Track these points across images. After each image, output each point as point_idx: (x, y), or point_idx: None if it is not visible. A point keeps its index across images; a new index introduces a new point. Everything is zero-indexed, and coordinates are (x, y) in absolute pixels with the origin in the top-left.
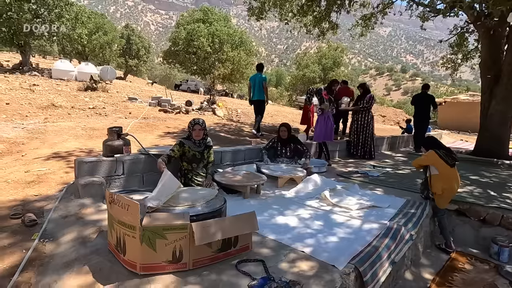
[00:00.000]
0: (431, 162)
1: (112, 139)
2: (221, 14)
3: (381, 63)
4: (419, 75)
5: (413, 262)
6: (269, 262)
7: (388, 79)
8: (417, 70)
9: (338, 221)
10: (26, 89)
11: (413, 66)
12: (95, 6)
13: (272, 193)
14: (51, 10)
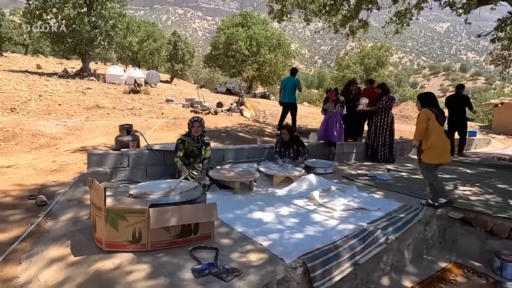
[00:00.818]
0: (427, 116)
1: (122, 135)
2: (260, 18)
3: (437, 61)
4: (481, 74)
5: (395, 268)
6: (223, 251)
7: (444, 79)
8: (480, 69)
9: (315, 220)
10: (79, 92)
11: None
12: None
13: (265, 190)
14: (107, 21)
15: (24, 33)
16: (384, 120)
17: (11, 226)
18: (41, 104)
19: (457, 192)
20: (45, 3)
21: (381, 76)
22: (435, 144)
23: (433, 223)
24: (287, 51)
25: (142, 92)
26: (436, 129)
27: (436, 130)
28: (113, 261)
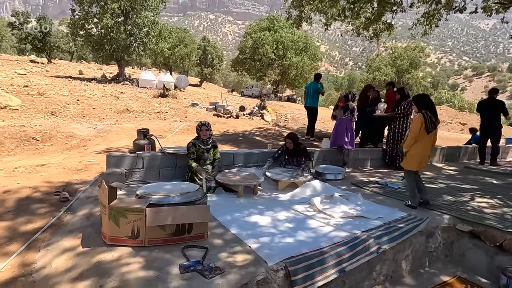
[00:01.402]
0: (420, 125)
1: (139, 139)
2: (287, 21)
3: (481, 61)
4: None
5: (390, 279)
6: (213, 251)
7: (489, 80)
8: None
9: (310, 226)
10: (113, 96)
11: None
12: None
13: (269, 195)
14: (141, 29)
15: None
16: (402, 126)
17: (36, 218)
18: (77, 108)
19: (472, 203)
20: (87, 14)
21: (414, 78)
22: (417, 152)
23: (438, 235)
24: (314, 53)
25: (170, 96)
26: (422, 137)
27: (421, 138)
28: (113, 253)
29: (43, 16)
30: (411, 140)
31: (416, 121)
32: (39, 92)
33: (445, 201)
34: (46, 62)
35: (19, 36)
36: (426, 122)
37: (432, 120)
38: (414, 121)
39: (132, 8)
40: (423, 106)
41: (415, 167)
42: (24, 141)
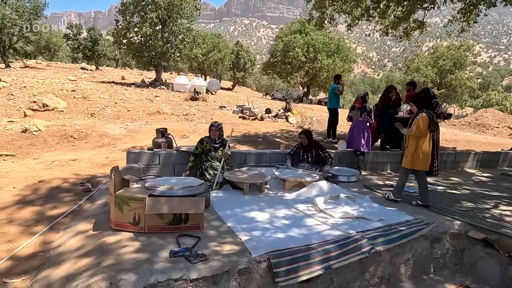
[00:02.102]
0: (427, 124)
1: (158, 137)
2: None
3: None
4: None
5: (386, 282)
6: (205, 240)
7: None
8: None
9: (306, 224)
10: (148, 100)
11: None
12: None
13: (275, 193)
14: (176, 36)
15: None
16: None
17: (62, 205)
18: (114, 110)
19: (494, 211)
20: (129, 23)
21: (458, 79)
22: (424, 152)
23: (446, 241)
24: (347, 55)
25: (200, 99)
26: (429, 137)
27: (428, 138)
28: (116, 237)
29: (93, 27)
30: (420, 133)
31: (423, 120)
32: (84, 96)
33: (463, 207)
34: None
35: (72, 46)
36: (430, 121)
37: (435, 120)
38: (420, 120)
39: (169, 16)
40: (423, 106)
41: (426, 167)
42: (63, 138)
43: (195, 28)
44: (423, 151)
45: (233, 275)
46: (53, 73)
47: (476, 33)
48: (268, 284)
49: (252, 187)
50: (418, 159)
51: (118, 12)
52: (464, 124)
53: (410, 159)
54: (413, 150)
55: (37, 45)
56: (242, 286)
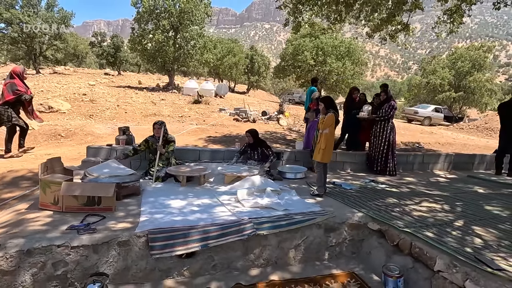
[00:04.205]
0: (331, 123)
1: (120, 135)
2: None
3: None
4: None
5: (273, 264)
6: (108, 219)
7: None
8: None
9: (213, 211)
10: (151, 103)
11: None
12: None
13: (212, 186)
14: (188, 42)
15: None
16: (382, 129)
17: (17, 190)
18: (113, 112)
19: (410, 207)
20: (144, 31)
21: (476, 81)
22: (328, 148)
23: (344, 231)
24: (358, 58)
25: (203, 103)
26: (331, 135)
27: (331, 135)
28: (36, 214)
29: (116, 35)
30: (326, 126)
31: (331, 118)
32: (91, 99)
33: (379, 203)
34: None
35: (97, 52)
36: (337, 120)
37: (338, 119)
38: (329, 119)
39: (180, 23)
40: (331, 107)
41: (327, 160)
42: (52, 136)
43: (206, 34)
44: (331, 146)
45: (112, 246)
46: (77, 78)
47: (511, 32)
48: (146, 256)
49: (193, 180)
50: (327, 154)
51: (134, 20)
52: (472, 128)
53: (322, 154)
54: (324, 146)
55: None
56: (122, 256)
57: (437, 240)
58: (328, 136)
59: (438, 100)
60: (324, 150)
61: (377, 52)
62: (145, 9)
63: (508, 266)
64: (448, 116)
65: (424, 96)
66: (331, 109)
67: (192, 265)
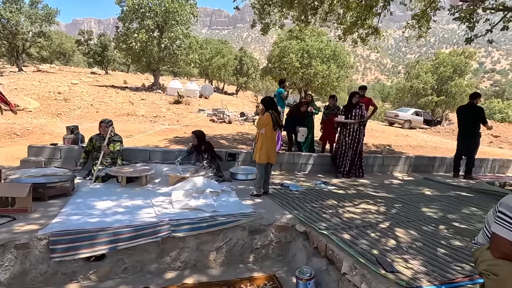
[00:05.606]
0: (267, 123)
1: (67, 134)
2: (315, 30)
3: None
4: None
5: (192, 266)
6: (19, 221)
7: None
8: None
9: (138, 212)
10: (129, 102)
11: None
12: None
13: (154, 187)
14: (173, 42)
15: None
16: (356, 132)
17: None
18: (84, 112)
19: (347, 209)
20: (128, 29)
21: (457, 86)
22: (265, 148)
23: (271, 233)
24: (344, 61)
25: (183, 103)
26: (270, 134)
27: (269, 135)
28: None
29: (103, 33)
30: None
31: (265, 118)
32: (65, 98)
33: (317, 204)
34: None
35: (83, 51)
36: (273, 121)
37: (277, 120)
38: (262, 119)
39: (166, 23)
40: (270, 107)
41: (265, 160)
42: (6, 135)
43: (192, 34)
44: (267, 146)
45: (9, 249)
46: (61, 77)
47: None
48: (48, 259)
49: (137, 181)
50: (263, 154)
51: (119, 19)
52: (448, 132)
53: (259, 154)
54: (260, 146)
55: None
56: (19, 259)
57: (349, 242)
58: (264, 137)
59: (421, 103)
60: (260, 150)
61: (368, 56)
62: (129, 7)
63: (404, 268)
64: (428, 119)
65: (408, 100)
66: (270, 110)
67: (99, 269)
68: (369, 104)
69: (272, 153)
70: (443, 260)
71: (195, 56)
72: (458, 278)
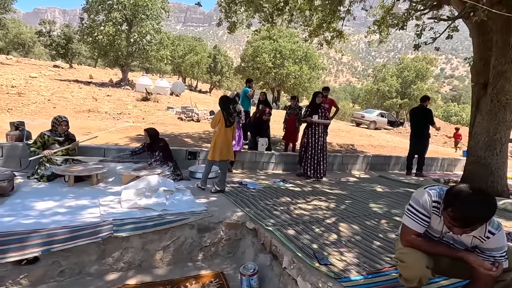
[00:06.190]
0: (218, 120)
1: (11, 130)
2: (288, 31)
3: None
4: None
5: (137, 267)
6: None
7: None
8: None
9: (81, 213)
10: (93, 98)
11: None
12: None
13: (105, 186)
14: (143, 36)
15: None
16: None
17: None
18: (39, 107)
19: (298, 206)
20: (93, 21)
21: (419, 89)
22: (217, 145)
23: (221, 231)
24: (315, 63)
25: (152, 100)
26: (223, 132)
27: (222, 133)
28: None
29: (67, 24)
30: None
31: (217, 116)
32: (19, 92)
33: (270, 202)
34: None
35: (45, 42)
36: (225, 118)
37: (229, 118)
38: (215, 116)
39: (135, 17)
40: (221, 107)
41: (217, 157)
42: None
43: (163, 30)
44: (219, 144)
45: None
46: (18, 69)
47: (455, 47)
48: None
49: (89, 180)
50: (215, 152)
51: (83, 10)
52: (409, 132)
53: (211, 152)
54: (213, 143)
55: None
56: None
57: (292, 238)
58: (217, 134)
59: (386, 105)
60: (213, 147)
61: (340, 59)
62: None
63: (338, 261)
64: (391, 120)
65: (375, 102)
66: (224, 110)
67: (32, 272)
68: (332, 105)
69: (225, 150)
70: (376, 251)
71: (167, 52)
72: (385, 267)
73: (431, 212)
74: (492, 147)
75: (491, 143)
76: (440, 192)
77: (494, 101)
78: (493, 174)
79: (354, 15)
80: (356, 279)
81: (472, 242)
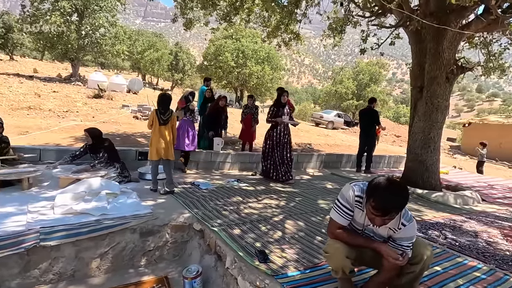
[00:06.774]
0: (152, 119)
1: None
2: (250, 31)
3: None
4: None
5: (70, 277)
6: None
7: (459, 99)
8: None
9: (3, 221)
10: (36, 95)
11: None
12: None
13: (39, 191)
14: (96, 29)
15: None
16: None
17: None
18: None
19: (249, 205)
20: (37, 10)
21: (373, 92)
22: (153, 144)
23: (166, 233)
24: (277, 64)
25: (105, 97)
26: (157, 131)
27: (156, 132)
28: None
29: (7, 11)
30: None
31: (150, 115)
32: None
33: (221, 201)
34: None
35: None
36: (158, 117)
37: (162, 117)
38: (150, 115)
39: (86, 7)
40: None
41: (154, 157)
42: None
43: (119, 23)
44: (154, 142)
45: None
46: None
47: (405, 54)
48: None
49: (20, 184)
50: (152, 151)
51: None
52: None
53: (150, 150)
54: (150, 142)
55: None
56: None
57: (236, 237)
58: (152, 133)
59: (344, 107)
60: (150, 146)
61: (302, 61)
62: None
63: (278, 258)
64: (347, 121)
65: (334, 103)
66: (160, 107)
67: None
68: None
69: (161, 149)
70: (316, 247)
71: (123, 47)
72: (322, 262)
73: (354, 206)
74: (427, 145)
75: (426, 141)
76: (363, 187)
77: (428, 104)
78: (428, 170)
79: (311, 18)
80: (293, 274)
81: (388, 233)
